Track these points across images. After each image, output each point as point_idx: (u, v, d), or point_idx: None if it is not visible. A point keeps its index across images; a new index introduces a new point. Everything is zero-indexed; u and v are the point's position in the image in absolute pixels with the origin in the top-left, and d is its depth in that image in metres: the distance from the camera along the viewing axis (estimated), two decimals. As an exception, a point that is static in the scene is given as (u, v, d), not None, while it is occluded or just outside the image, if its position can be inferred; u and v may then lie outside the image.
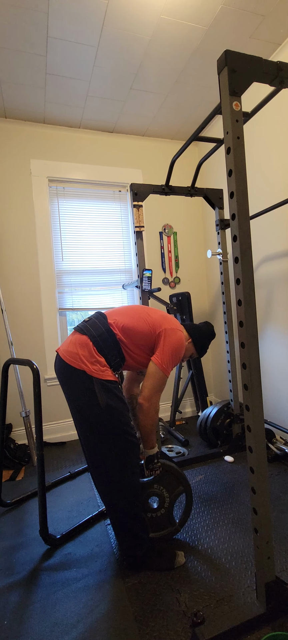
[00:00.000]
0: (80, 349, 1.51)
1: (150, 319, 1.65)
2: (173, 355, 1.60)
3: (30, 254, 3.20)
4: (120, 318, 1.62)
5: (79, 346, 1.52)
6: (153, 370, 1.58)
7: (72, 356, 1.50)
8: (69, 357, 1.51)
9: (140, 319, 1.64)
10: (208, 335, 1.92)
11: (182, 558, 1.59)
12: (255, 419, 1.22)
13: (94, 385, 1.47)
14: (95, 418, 1.48)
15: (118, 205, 3.58)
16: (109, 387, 1.49)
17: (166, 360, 1.58)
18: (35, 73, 2.59)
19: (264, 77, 1.28)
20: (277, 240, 2.70)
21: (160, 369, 1.57)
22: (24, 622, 1.37)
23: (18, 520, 2.07)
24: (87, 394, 1.47)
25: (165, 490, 1.69)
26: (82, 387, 1.48)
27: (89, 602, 1.44)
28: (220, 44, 2.48)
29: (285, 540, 1.68)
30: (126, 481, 1.52)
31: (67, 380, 1.53)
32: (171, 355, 1.59)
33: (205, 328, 1.92)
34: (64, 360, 1.51)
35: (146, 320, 1.64)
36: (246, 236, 1.21)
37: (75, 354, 1.50)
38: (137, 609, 1.37)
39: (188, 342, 1.85)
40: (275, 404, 2.84)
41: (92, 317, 1.63)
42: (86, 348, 1.50)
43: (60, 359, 1.55)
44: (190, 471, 2.47)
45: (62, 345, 1.60)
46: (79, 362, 1.48)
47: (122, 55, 2.49)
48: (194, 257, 3.84)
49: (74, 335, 1.59)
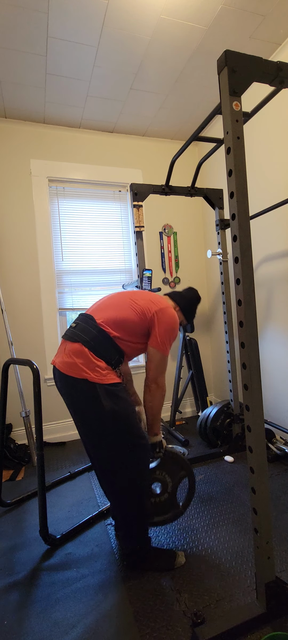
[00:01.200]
0: (77, 357, 1.44)
1: (137, 307, 1.60)
2: (169, 334, 1.60)
3: (30, 254, 3.20)
4: (108, 314, 1.55)
5: (74, 355, 1.45)
6: (153, 354, 1.59)
7: (70, 367, 1.44)
8: (67, 369, 1.45)
9: (127, 309, 1.59)
10: (194, 299, 1.93)
11: (182, 558, 1.59)
12: (255, 419, 1.22)
13: (97, 391, 1.41)
14: (101, 425, 1.43)
15: (118, 205, 3.58)
16: (113, 391, 1.45)
17: (164, 341, 1.58)
18: (35, 73, 2.59)
19: (264, 77, 1.28)
20: (277, 240, 2.70)
21: (159, 352, 1.57)
22: (24, 622, 1.37)
23: (18, 520, 2.07)
24: (92, 402, 1.42)
25: (167, 475, 1.70)
26: (86, 395, 1.43)
27: (89, 602, 1.44)
28: (220, 44, 2.48)
29: (285, 540, 1.68)
30: (135, 484, 1.51)
31: (69, 392, 1.48)
32: (167, 335, 1.59)
33: (190, 294, 1.93)
34: (63, 373, 1.46)
35: (134, 309, 1.59)
36: (246, 236, 1.21)
37: (72, 364, 1.44)
38: (137, 609, 1.37)
39: (176, 310, 1.84)
40: (275, 404, 2.84)
41: (78, 321, 1.57)
42: (82, 355, 1.44)
43: (59, 372, 1.49)
44: (190, 471, 2.47)
45: (57, 357, 1.54)
46: (79, 371, 1.43)
47: (122, 55, 2.49)
48: (194, 257, 3.84)
49: (65, 344, 1.53)
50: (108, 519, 1.99)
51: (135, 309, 1.59)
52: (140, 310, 1.59)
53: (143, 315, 1.58)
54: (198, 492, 2.20)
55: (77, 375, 1.43)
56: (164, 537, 1.79)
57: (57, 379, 1.54)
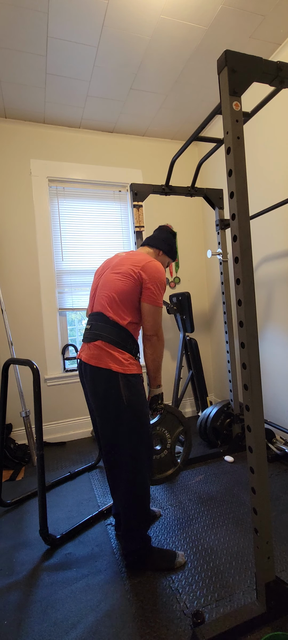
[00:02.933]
0: (101, 351, 1.53)
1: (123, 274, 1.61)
2: (158, 285, 1.61)
3: (30, 254, 3.20)
4: (109, 301, 1.59)
5: (98, 349, 1.54)
6: (149, 309, 1.60)
7: (96, 358, 1.54)
8: (93, 360, 1.54)
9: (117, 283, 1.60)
10: (170, 236, 1.94)
11: (183, 558, 1.60)
12: (255, 419, 1.22)
13: (119, 382, 1.50)
14: (118, 416, 1.51)
15: (118, 205, 3.58)
16: (133, 382, 1.53)
17: (156, 294, 1.60)
18: (35, 73, 2.59)
19: (264, 77, 1.28)
20: (277, 240, 2.70)
21: (154, 305, 1.60)
22: (24, 622, 1.37)
23: (18, 520, 2.07)
24: (112, 392, 1.50)
25: (166, 431, 1.73)
26: (108, 384, 1.51)
27: (89, 602, 1.44)
28: (220, 44, 2.48)
29: (285, 540, 1.68)
30: (141, 479, 1.54)
31: (93, 381, 1.55)
32: (157, 286, 1.60)
33: (164, 234, 1.94)
34: (89, 364, 1.55)
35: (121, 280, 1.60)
36: (246, 236, 1.21)
37: (97, 355, 1.54)
38: (137, 609, 1.38)
39: (160, 255, 1.88)
40: (275, 404, 2.84)
41: (92, 322, 1.62)
42: (106, 349, 1.53)
43: (85, 364, 1.59)
44: (190, 471, 2.47)
45: (82, 353, 1.63)
46: (105, 361, 1.52)
47: (122, 55, 2.49)
48: (194, 257, 3.84)
49: (87, 345, 1.60)
50: (108, 519, 1.99)
51: (123, 274, 1.61)
52: (127, 273, 1.61)
53: (131, 279, 1.59)
54: (199, 492, 2.20)
55: (103, 365, 1.52)
56: (164, 537, 1.79)
57: (82, 371, 1.64)
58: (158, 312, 1.62)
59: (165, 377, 3.67)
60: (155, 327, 1.62)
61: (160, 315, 1.63)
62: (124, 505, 1.56)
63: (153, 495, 2.19)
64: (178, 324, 3.40)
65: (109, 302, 1.59)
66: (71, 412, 3.32)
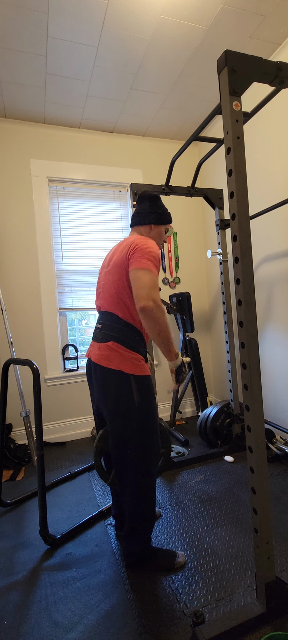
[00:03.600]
0: (112, 352, 1.50)
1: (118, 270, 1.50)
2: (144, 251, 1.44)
3: (30, 254, 3.20)
4: (119, 305, 1.52)
5: (109, 350, 1.51)
6: (133, 275, 1.43)
7: (106, 359, 1.50)
8: (104, 361, 1.50)
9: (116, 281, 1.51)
10: (154, 201, 1.70)
11: (183, 558, 1.59)
12: (255, 419, 1.22)
13: (130, 383, 1.48)
14: (127, 415, 1.49)
15: (118, 205, 3.58)
16: (144, 384, 1.51)
17: (140, 257, 1.43)
18: (35, 73, 2.59)
19: (264, 77, 1.28)
20: (277, 240, 2.70)
21: (139, 269, 1.41)
22: (24, 622, 1.37)
23: (18, 520, 2.07)
24: (123, 393, 1.48)
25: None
26: (119, 386, 1.48)
27: (89, 602, 1.44)
28: (220, 44, 2.48)
29: (285, 540, 1.68)
30: (149, 482, 1.54)
31: (103, 383, 1.52)
32: (142, 252, 1.44)
33: (147, 205, 1.69)
34: (100, 364, 1.51)
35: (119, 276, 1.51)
36: (246, 236, 1.21)
37: (108, 356, 1.50)
38: (137, 609, 1.37)
39: (153, 229, 1.68)
40: (275, 404, 2.84)
41: (102, 321, 1.57)
42: (117, 350, 1.50)
43: (95, 364, 1.54)
44: (190, 471, 2.47)
45: (92, 351, 1.59)
46: (116, 363, 1.48)
47: (122, 55, 2.49)
48: (194, 257, 3.84)
49: (98, 344, 1.56)
50: (108, 519, 1.99)
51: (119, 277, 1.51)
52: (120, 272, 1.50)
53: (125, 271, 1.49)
54: (199, 492, 2.20)
55: (113, 366, 1.49)
56: (164, 537, 1.79)
57: (92, 371, 1.59)
58: (147, 275, 1.40)
59: (165, 377, 3.67)
60: (145, 291, 1.37)
61: (151, 279, 1.40)
62: (130, 506, 1.54)
63: (153, 495, 2.19)
64: (178, 324, 3.40)
65: (115, 302, 1.53)
66: (71, 412, 3.32)
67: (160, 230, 1.70)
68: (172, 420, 3.32)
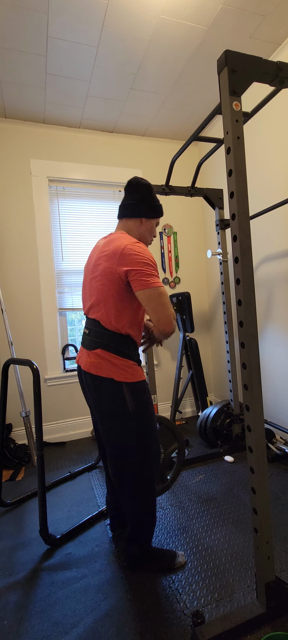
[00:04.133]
0: (101, 359, 1.44)
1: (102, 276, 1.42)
2: (144, 263, 1.35)
3: (30, 254, 3.20)
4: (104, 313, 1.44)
5: (99, 357, 1.45)
6: (144, 297, 1.34)
7: (96, 366, 1.44)
8: (93, 368, 1.45)
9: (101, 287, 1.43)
10: (146, 190, 1.55)
11: (183, 558, 1.59)
12: (255, 419, 1.22)
13: (123, 391, 1.42)
14: (123, 423, 1.45)
15: (118, 205, 3.57)
16: (139, 389, 1.46)
17: (144, 273, 1.34)
18: (35, 73, 2.59)
19: (264, 77, 1.28)
20: (277, 240, 2.70)
21: (147, 289, 1.33)
22: (24, 622, 1.37)
23: (18, 520, 2.07)
24: (116, 402, 1.43)
25: (161, 445, 1.69)
26: (111, 395, 1.43)
27: (89, 602, 1.44)
28: (220, 44, 2.48)
29: (285, 540, 1.68)
30: (149, 485, 1.52)
31: (95, 391, 1.47)
32: (142, 265, 1.35)
33: (138, 194, 1.54)
34: (89, 372, 1.46)
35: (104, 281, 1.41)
36: (246, 236, 1.21)
37: (98, 363, 1.44)
38: (137, 609, 1.37)
39: (143, 223, 1.55)
40: (275, 404, 2.84)
41: (89, 327, 1.51)
42: (106, 357, 1.44)
43: (85, 372, 1.49)
44: (190, 471, 2.47)
45: (81, 358, 1.53)
46: (106, 371, 1.43)
47: (122, 55, 2.49)
48: (194, 257, 3.84)
49: (87, 351, 1.50)
50: (108, 518, 1.99)
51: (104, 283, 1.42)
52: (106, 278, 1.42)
53: (112, 277, 1.39)
54: (198, 492, 2.20)
55: (104, 374, 1.43)
56: (164, 537, 1.79)
57: (82, 379, 1.55)
58: (159, 294, 1.34)
59: (165, 377, 3.67)
60: (166, 317, 1.33)
61: (162, 296, 1.34)
62: (132, 512, 1.53)
63: (153, 495, 2.19)
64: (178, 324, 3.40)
65: (101, 311, 1.45)
66: (71, 412, 3.32)
67: (151, 224, 1.57)
68: (172, 420, 3.32)
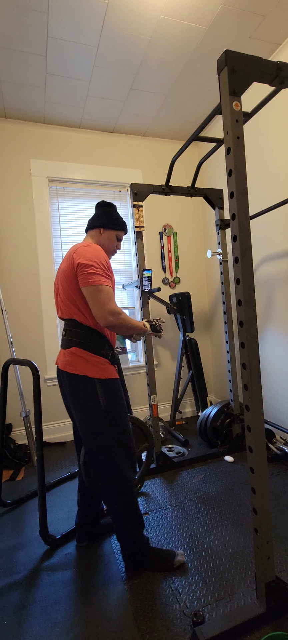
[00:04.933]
0: (76, 357, 1.51)
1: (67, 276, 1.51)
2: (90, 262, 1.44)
3: (30, 254, 3.20)
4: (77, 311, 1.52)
5: (73, 355, 1.52)
6: (87, 294, 1.45)
7: (71, 364, 1.51)
8: (68, 366, 1.52)
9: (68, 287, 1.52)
10: (106, 208, 1.71)
11: (182, 557, 1.59)
12: (255, 419, 1.22)
13: (96, 388, 1.48)
14: (96, 420, 1.50)
15: (118, 205, 3.58)
16: (111, 387, 1.52)
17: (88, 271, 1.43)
18: (35, 73, 2.59)
19: (264, 77, 1.28)
20: (277, 240, 2.70)
21: (89, 285, 1.43)
22: (24, 622, 1.37)
23: (18, 520, 2.07)
24: (90, 398, 1.49)
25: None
26: (85, 392, 1.49)
27: (89, 602, 1.44)
28: (220, 44, 2.48)
29: (285, 540, 1.68)
30: (123, 483, 1.52)
31: (70, 389, 1.53)
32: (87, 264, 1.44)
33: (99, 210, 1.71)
34: (65, 371, 1.53)
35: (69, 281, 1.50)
36: (246, 236, 1.21)
37: (72, 361, 1.51)
38: (137, 609, 1.37)
39: (103, 233, 1.67)
40: (275, 404, 2.84)
41: (66, 328, 1.57)
42: (80, 355, 1.51)
43: (61, 371, 1.57)
44: (190, 471, 2.47)
45: (59, 358, 1.60)
46: (80, 368, 1.50)
47: (122, 55, 2.49)
48: (194, 257, 3.84)
49: (63, 351, 1.57)
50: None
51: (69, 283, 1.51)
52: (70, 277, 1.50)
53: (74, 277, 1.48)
54: (199, 492, 2.20)
55: (78, 372, 1.50)
56: (164, 537, 1.79)
57: (59, 378, 1.62)
58: (100, 291, 1.43)
59: (165, 377, 3.67)
60: (100, 311, 1.43)
61: (104, 294, 1.43)
62: (111, 508, 1.56)
63: (153, 495, 2.19)
64: (178, 324, 3.40)
65: (72, 309, 1.53)
66: (71, 412, 3.31)
67: (110, 235, 1.69)
68: (172, 420, 3.32)
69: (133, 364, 3.60)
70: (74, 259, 1.48)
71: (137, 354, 3.73)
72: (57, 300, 1.65)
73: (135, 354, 3.73)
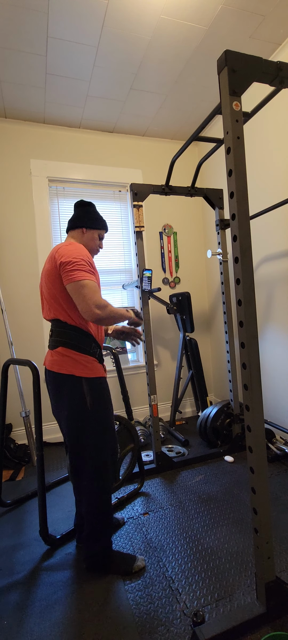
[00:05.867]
0: (62, 357, 1.52)
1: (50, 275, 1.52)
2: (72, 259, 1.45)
3: (30, 254, 3.20)
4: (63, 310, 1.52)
5: (60, 355, 1.53)
6: (71, 290, 1.45)
7: (57, 364, 1.53)
8: (55, 366, 1.53)
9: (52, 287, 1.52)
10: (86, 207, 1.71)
11: (142, 562, 1.60)
12: (255, 419, 1.22)
13: (82, 387, 1.50)
14: (81, 420, 1.51)
15: (118, 205, 3.58)
16: (96, 386, 1.54)
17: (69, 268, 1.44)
18: (35, 73, 2.59)
19: (264, 77, 1.28)
20: (277, 240, 2.70)
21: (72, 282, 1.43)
22: (24, 622, 1.37)
23: (18, 520, 2.07)
24: (76, 397, 1.50)
25: (118, 445, 1.72)
26: (72, 391, 1.51)
27: (89, 602, 1.44)
28: (220, 44, 2.48)
29: (285, 540, 1.68)
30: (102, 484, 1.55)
31: (56, 388, 1.55)
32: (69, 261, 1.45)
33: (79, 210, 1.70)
34: (52, 370, 1.54)
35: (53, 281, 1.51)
36: (246, 236, 1.21)
37: (59, 361, 1.53)
38: (137, 609, 1.37)
39: (85, 233, 1.68)
40: (275, 404, 2.84)
41: (53, 329, 1.58)
42: (67, 355, 1.52)
43: (48, 371, 1.58)
44: (190, 471, 2.47)
45: (46, 358, 1.61)
46: (66, 367, 1.51)
47: (122, 55, 2.49)
48: (194, 257, 3.84)
49: (51, 351, 1.58)
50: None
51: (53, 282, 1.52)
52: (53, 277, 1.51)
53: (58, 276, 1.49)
54: (199, 492, 2.20)
55: (65, 371, 1.51)
56: (164, 537, 1.79)
57: (46, 378, 1.63)
58: (84, 286, 1.42)
59: (165, 377, 3.67)
60: (85, 306, 1.42)
61: (88, 288, 1.43)
62: (88, 510, 1.57)
63: (153, 495, 2.19)
64: (178, 324, 3.40)
65: (57, 309, 1.53)
66: (71, 412, 3.31)
67: (92, 234, 1.70)
68: (172, 420, 3.32)
69: (133, 364, 3.60)
70: (56, 258, 1.49)
71: (137, 354, 3.73)
72: (42, 302, 1.66)
73: (135, 354, 3.73)
